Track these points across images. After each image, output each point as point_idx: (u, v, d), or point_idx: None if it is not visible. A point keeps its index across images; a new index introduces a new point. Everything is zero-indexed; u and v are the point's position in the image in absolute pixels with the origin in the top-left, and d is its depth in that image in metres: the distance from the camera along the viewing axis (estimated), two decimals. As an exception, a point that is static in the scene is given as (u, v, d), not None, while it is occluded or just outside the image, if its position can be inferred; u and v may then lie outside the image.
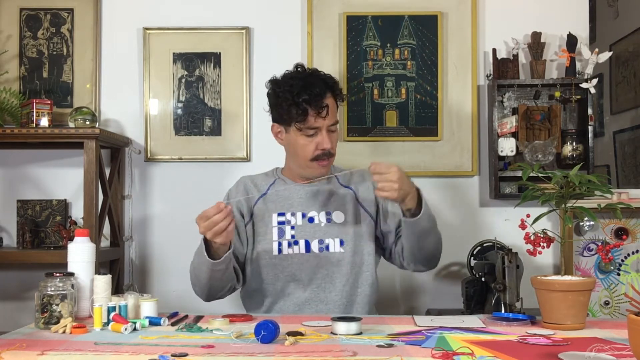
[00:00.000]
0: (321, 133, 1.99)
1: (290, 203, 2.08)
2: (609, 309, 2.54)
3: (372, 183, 2.03)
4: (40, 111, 2.48)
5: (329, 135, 2.01)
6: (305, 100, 1.95)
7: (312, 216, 2.05)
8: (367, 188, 2.11)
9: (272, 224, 2.05)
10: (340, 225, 2.05)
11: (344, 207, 2.07)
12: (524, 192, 1.69)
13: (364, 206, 2.09)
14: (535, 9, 2.72)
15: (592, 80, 2.55)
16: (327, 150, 2.00)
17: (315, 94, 1.96)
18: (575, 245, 2.55)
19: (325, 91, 1.99)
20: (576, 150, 2.59)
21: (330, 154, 2.02)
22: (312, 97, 1.96)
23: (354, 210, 2.08)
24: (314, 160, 2.02)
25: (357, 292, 2.03)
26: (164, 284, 2.72)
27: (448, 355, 1.25)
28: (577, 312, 1.56)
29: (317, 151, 2.00)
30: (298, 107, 1.96)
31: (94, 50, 2.74)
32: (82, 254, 1.73)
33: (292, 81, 2.01)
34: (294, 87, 1.97)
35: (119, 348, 1.35)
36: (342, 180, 2.14)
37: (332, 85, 2.03)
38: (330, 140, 2.01)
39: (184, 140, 2.73)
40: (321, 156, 2.01)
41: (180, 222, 2.72)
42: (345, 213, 2.06)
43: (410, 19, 2.70)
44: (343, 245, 2.03)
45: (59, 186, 2.74)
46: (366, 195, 2.10)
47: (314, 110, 1.96)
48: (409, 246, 1.98)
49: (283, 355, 1.27)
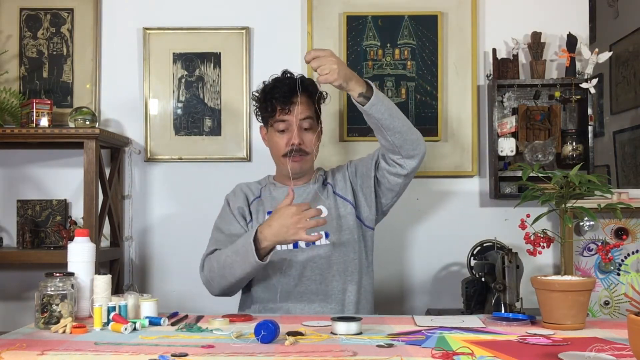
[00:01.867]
0: (292, 129, 2.07)
1: (278, 202, 2.11)
2: (609, 309, 2.54)
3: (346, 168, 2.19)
4: (40, 111, 2.48)
5: (301, 133, 2.09)
6: (274, 96, 2.07)
7: None
8: (342, 177, 2.18)
9: None
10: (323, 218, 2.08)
11: (325, 202, 2.14)
12: (524, 192, 1.69)
13: (341, 195, 2.15)
14: (535, 9, 2.72)
15: (592, 80, 2.55)
16: (295, 145, 2.07)
17: (284, 91, 2.07)
18: (575, 245, 2.55)
19: (295, 88, 2.05)
20: (576, 150, 2.59)
21: (301, 150, 2.09)
22: (281, 94, 2.07)
23: (334, 202, 2.14)
24: (285, 156, 2.09)
25: (347, 280, 2.07)
26: (164, 284, 2.72)
27: (448, 355, 1.25)
28: (577, 312, 1.56)
29: (287, 147, 2.08)
30: (268, 102, 2.10)
31: (94, 50, 2.74)
32: (82, 254, 1.73)
33: (270, 83, 2.14)
34: (268, 86, 2.13)
35: (119, 348, 1.35)
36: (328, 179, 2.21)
37: (307, 86, 2.09)
38: (302, 137, 2.08)
39: (184, 140, 2.73)
40: (291, 152, 2.08)
41: (181, 222, 2.72)
42: (328, 207, 2.12)
43: (410, 19, 2.70)
44: (328, 237, 2.08)
45: (59, 186, 2.74)
46: (342, 184, 2.16)
47: (280, 105, 2.07)
48: (382, 137, 1.98)
49: (283, 355, 1.27)
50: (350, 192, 2.15)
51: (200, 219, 2.56)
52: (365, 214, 2.15)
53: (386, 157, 2.05)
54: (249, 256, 1.87)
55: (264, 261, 1.88)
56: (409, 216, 2.72)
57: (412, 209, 2.71)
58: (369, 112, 1.90)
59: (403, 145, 1.98)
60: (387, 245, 2.65)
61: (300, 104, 2.05)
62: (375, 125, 1.95)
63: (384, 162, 2.07)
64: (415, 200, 2.71)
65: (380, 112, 1.90)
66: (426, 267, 2.72)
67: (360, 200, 2.15)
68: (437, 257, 2.71)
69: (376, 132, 1.98)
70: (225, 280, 1.98)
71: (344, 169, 2.21)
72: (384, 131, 1.95)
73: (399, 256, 2.72)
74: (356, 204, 2.15)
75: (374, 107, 1.89)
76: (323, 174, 2.23)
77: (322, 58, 1.84)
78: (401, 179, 2.07)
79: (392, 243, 2.69)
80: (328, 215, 2.10)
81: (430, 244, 2.72)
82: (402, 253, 2.72)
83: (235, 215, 2.14)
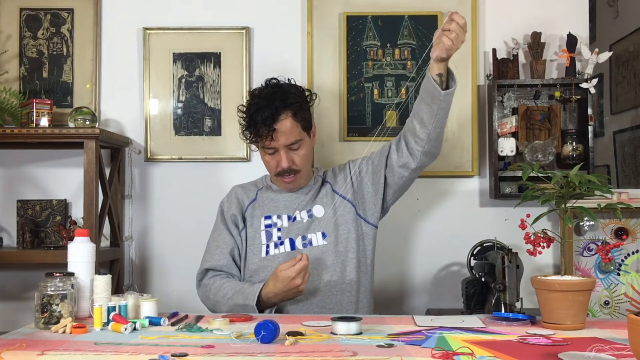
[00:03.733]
0: (279, 152, 2.06)
1: (276, 206, 2.15)
2: (609, 309, 2.54)
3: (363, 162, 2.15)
4: (40, 111, 2.48)
5: (289, 154, 2.07)
6: (257, 122, 2.03)
7: (295, 216, 2.12)
8: (343, 176, 2.17)
9: (260, 227, 2.12)
10: (320, 219, 2.10)
11: (322, 201, 2.13)
12: (524, 192, 1.69)
13: (341, 194, 2.14)
14: (535, 9, 2.72)
15: (592, 80, 2.55)
16: (285, 168, 2.06)
17: (265, 118, 2.01)
18: (575, 245, 2.55)
19: (278, 112, 2.02)
20: (576, 150, 2.58)
21: (292, 170, 2.08)
22: (262, 120, 2.02)
23: (332, 201, 2.13)
24: (278, 175, 2.10)
25: (345, 280, 2.06)
26: (164, 284, 2.72)
27: (448, 355, 1.25)
28: (577, 312, 1.56)
29: (278, 168, 2.08)
30: (252, 128, 2.06)
31: (94, 50, 2.74)
32: (82, 254, 1.73)
33: (253, 100, 2.08)
34: (251, 107, 2.06)
35: (119, 348, 1.35)
36: (327, 178, 2.21)
37: (289, 105, 2.04)
38: (290, 158, 2.07)
39: (184, 140, 2.73)
40: (282, 173, 2.08)
41: (181, 221, 2.72)
42: (325, 206, 2.12)
43: (410, 19, 2.70)
44: (325, 238, 2.08)
45: (59, 186, 2.74)
46: (342, 183, 2.16)
47: (264, 132, 2.03)
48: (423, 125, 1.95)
49: (283, 355, 1.27)
50: (351, 191, 2.14)
51: (200, 219, 2.57)
52: (371, 212, 2.14)
53: (406, 145, 2.02)
54: (247, 310, 1.90)
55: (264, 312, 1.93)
56: (409, 216, 2.72)
57: (412, 209, 2.71)
58: (441, 97, 1.88)
59: (434, 140, 1.99)
60: (387, 245, 2.65)
61: (283, 131, 2.02)
62: (430, 110, 1.92)
63: (395, 154, 2.06)
64: (415, 200, 2.71)
65: (448, 102, 1.91)
66: (426, 267, 2.72)
67: (364, 197, 2.14)
68: (437, 257, 2.71)
69: (422, 117, 1.95)
70: (219, 309, 2.01)
71: (346, 168, 2.21)
72: (433, 120, 1.93)
73: (399, 256, 2.72)
74: (357, 202, 2.14)
75: (448, 96, 1.90)
76: (322, 174, 2.22)
77: (461, 34, 1.85)
78: (407, 172, 2.06)
79: (392, 243, 2.69)
80: (325, 214, 2.10)
81: (430, 244, 2.72)
82: (402, 253, 2.72)
83: (228, 225, 2.14)
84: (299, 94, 2.10)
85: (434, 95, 1.90)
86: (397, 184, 2.11)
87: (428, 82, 1.90)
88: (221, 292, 1.99)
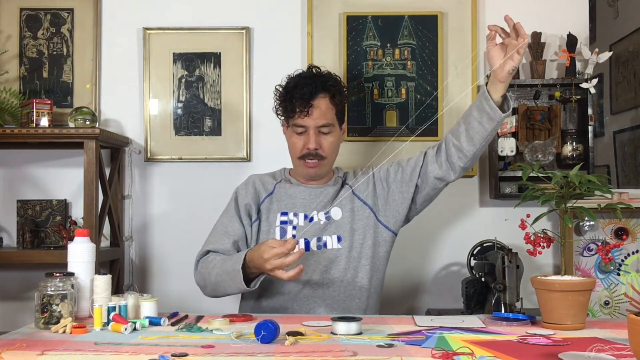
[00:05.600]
0: (309, 132, 2.03)
1: (293, 203, 2.10)
2: (609, 309, 2.54)
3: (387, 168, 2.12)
4: (40, 111, 2.48)
5: (319, 137, 2.05)
6: (294, 96, 2.03)
7: (312, 216, 2.07)
8: (366, 180, 2.12)
9: (275, 223, 2.07)
10: (338, 221, 2.06)
11: (341, 203, 2.09)
12: (524, 192, 1.69)
13: (361, 198, 2.10)
14: (535, 9, 2.72)
15: (592, 80, 2.55)
16: (312, 150, 2.03)
17: (304, 93, 2.02)
18: (575, 245, 2.55)
19: (317, 91, 2.02)
20: (576, 150, 2.59)
21: (318, 155, 2.05)
22: (300, 95, 2.02)
23: (351, 205, 2.09)
24: (301, 158, 2.07)
25: (356, 286, 2.03)
26: (164, 284, 2.72)
27: (448, 355, 1.25)
28: (577, 312, 1.56)
29: (304, 150, 2.05)
30: (287, 103, 2.06)
31: (94, 50, 2.74)
32: (82, 254, 1.73)
33: (293, 80, 2.08)
34: (290, 82, 2.07)
35: (119, 348, 1.35)
36: (348, 180, 2.16)
37: (329, 86, 2.05)
38: (319, 141, 2.04)
39: (184, 140, 2.73)
40: (307, 155, 2.05)
41: (181, 221, 2.72)
42: (343, 209, 2.08)
43: (410, 19, 2.70)
44: (340, 242, 2.04)
45: (59, 186, 2.74)
46: (364, 186, 2.12)
47: (300, 107, 2.02)
48: (471, 142, 1.95)
49: (283, 355, 1.27)
50: (372, 196, 2.10)
51: (200, 219, 2.56)
52: (394, 219, 2.10)
53: (447, 158, 2.01)
54: (236, 281, 1.85)
55: (251, 287, 1.86)
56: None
57: (412, 209, 2.71)
58: (498, 119, 1.90)
59: (476, 158, 2.01)
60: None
61: (319, 108, 2.02)
62: (483, 130, 1.92)
63: (434, 165, 2.04)
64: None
65: (500, 123, 1.93)
66: (426, 267, 2.72)
67: (389, 204, 2.10)
68: (437, 257, 2.71)
69: (473, 135, 1.95)
70: (217, 293, 1.99)
71: (371, 172, 2.14)
72: (484, 140, 1.95)
73: (399, 256, 2.71)
74: (377, 207, 2.10)
75: (503, 117, 1.91)
76: (342, 175, 2.18)
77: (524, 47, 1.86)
78: (442, 184, 2.07)
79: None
80: (342, 218, 2.06)
81: (430, 244, 2.72)
82: (402, 253, 2.71)
83: (240, 213, 2.09)
84: (338, 83, 2.11)
85: (491, 117, 1.90)
86: (428, 194, 2.09)
87: (486, 102, 1.90)
88: (212, 264, 1.95)
